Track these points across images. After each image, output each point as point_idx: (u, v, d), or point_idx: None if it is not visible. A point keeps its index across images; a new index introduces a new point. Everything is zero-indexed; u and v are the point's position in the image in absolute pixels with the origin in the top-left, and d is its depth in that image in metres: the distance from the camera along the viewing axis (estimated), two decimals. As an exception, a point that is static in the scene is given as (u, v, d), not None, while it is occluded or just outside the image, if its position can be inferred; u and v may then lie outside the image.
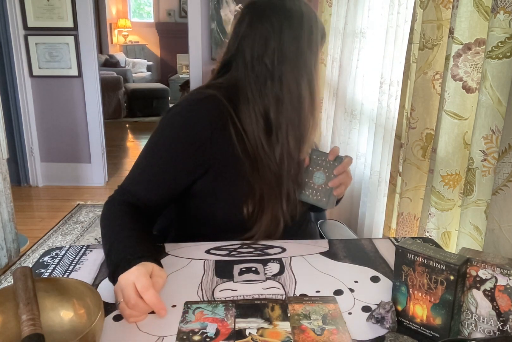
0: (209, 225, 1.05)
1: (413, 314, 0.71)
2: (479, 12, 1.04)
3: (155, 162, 0.99)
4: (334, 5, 2.59)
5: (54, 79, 3.48)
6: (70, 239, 2.76)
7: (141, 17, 8.63)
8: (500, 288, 0.64)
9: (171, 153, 0.97)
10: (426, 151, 1.34)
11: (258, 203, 0.99)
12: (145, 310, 0.72)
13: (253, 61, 0.97)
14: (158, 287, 0.76)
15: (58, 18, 3.34)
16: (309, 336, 0.69)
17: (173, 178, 0.98)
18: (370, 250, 0.98)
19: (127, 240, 0.86)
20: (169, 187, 1.00)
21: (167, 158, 0.97)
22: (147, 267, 0.77)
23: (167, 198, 1.02)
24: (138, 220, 0.94)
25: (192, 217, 1.07)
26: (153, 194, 0.99)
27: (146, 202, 0.99)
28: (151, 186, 0.98)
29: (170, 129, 0.98)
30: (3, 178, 2.35)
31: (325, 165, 0.98)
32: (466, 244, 1.09)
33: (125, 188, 1.01)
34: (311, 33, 0.98)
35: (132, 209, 0.96)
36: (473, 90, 1.11)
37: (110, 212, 0.96)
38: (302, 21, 0.98)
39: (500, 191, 0.92)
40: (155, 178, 0.98)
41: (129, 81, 6.98)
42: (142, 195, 0.98)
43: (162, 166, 0.98)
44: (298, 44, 0.97)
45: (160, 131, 0.99)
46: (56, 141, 3.62)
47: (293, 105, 0.98)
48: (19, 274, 0.68)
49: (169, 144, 0.97)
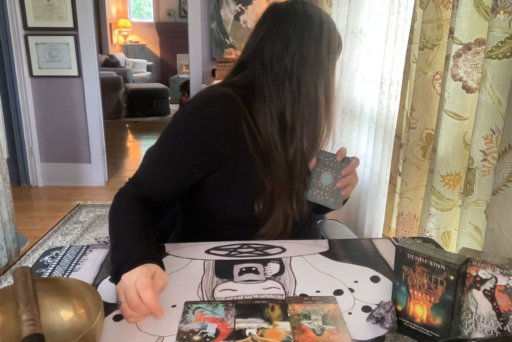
0: (219, 220, 1.05)
1: (413, 314, 0.71)
2: (479, 12, 1.04)
3: (169, 154, 0.99)
4: (334, 5, 2.59)
5: (54, 79, 3.48)
6: (70, 239, 2.76)
7: (141, 17, 8.63)
8: (500, 288, 0.64)
9: (186, 146, 0.98)
10: (426, 151, 1.34)
11: (269, 200, 1.00)
12: (146, 312, 0.72)
13: (272, 62, 0.99)
14: (158, 288, 0.76)
15: (58, 18, 3.34)
16: (309, 336, 0.69)
17: (187, 170, 0.99)
18: (370, 250, 0.98)
19: (134, 239, 0.86)
20: (183, 178, 1.00)
21: (182, 150, 0.98)
22: (150, 268, 0.77)
23: (179, 190, 1.02)
24: (146, 214, 0.94)
25: (202, 211, 1.07)
26: (166, 185, 0.99)
27: (158, 193, 0.99)
28: (164, 177, 0.99)
29: (186, 123, 0.98)
30: (3, 178, 2.35)
31: (333, 166, 0.99)
32: (466, 244, 1.09)
33: (137, 179, 1.01)
34: (330, 41, 1.01)
35: (141, 203, 0.96)
36: (473, 90, 1.11)
37: (119, 205, 0.97)
38: (322, 28, 1.00)
39: (500, 191, 0.92)
40: (169, 168, 0.99)
41: (129, 81, 6.98)
42: (155, 186, 0.99)
43: (176, 157, 0.99)
44: (318, 50, 0.99)
45: (175, 125, 1.00)
46: (56, 141, 3.62)
47: (309, 108, 1.00)
48: (19, 274, 0.68)
49: (184, 137, 0.98)
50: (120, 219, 0.92)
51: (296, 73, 0.98)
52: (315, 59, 0.99)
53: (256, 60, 1.01)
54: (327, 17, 1.03)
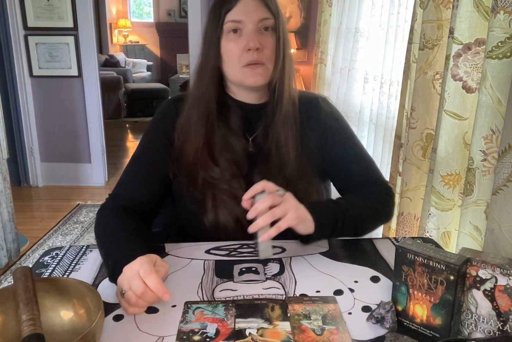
0: (197, 227, 1.05)
1: (413, 314, 0.71)
2: (479, 12, 1.04)
3: (134, 161, 1.06)
4: (334, 5, 2.59)
5: (54, 79, 3.48)
6: (70, 239, 2.76)
7: (141, 17, 8.62)
8: (500, 288, 0.64)
9: (144, 146, 1.06)
10: (426, 151, 1.34)
11: (213, 210, 0.99)
12: (153, 298, 0.72)
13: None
14: (161, 275, 0.76)
15: (58, 18, 3.34)
16: (309, 336, 0.69)
17: (152, 169, 1.03)
18: (370, 250, 0.98)
19: (126, 241, 0.87)
20: (153, 179, 1.03)
21: (142, 150, 1.06)
22: (150, 257, 0.78)
23: (157, 194, 1.05)
24: (130, 221, 0.95)
25: (181, 220, 1.11)
26: (142, 191, 1.03)
27: (138, 201, 1.02)
28: (137, 184, 1.03)
29: (145, 133, 1.10)
30: (3, 178, 2.35)
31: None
32: (466, 244, 1.09)
33: (115, 193, 1.04)
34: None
35: (124, 212, 0.98)
36: (473, 90, 1.11)
37: (102, 219, 0.98)
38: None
39: (500, 191, 0.92)
40: (138, 175, 1.04)
41: (129, 81, 6.98)
42: (133, 195, 1.02)
43: (140, 160, 1.05)
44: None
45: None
46: (56, 141, 3.62)
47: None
48: (19, 274, 0.68)
49: (144, 141, 1.07)
50: (105, 230, 0.93)
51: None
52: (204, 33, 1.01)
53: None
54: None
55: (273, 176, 0.98)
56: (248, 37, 0.95)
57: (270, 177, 0.97)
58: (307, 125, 1.06)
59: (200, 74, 1.01)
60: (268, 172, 1.00)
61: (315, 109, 1.08)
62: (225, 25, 0.96)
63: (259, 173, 1.01)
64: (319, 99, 1.10)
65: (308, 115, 1.06)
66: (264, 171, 1.01)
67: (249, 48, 0.94)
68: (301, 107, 1.06)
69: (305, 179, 1.03)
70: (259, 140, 1.04)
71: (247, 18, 0.95)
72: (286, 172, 1.01)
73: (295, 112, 1.04)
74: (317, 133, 1.06)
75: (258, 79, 0.97)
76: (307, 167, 1.04)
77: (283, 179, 1.00)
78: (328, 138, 1.07)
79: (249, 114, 1.04)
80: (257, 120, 1.04)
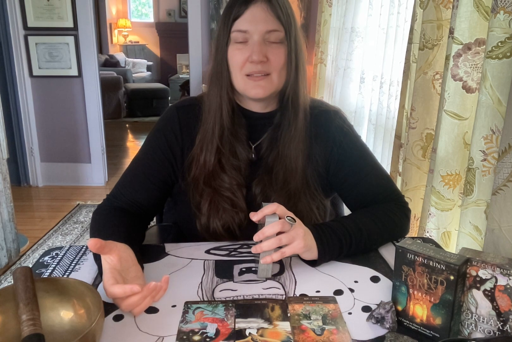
0: (193, 230, 1.05)
1: (413, 314, 0.71)
2: (479, 12, 1.04)
3: (136, 162, 1.06)
4: (334, 5, 2.59)
5: (54, 79, 3.48)
6: (70, 239, 2.76)
7: (141, 17, 8.63)
8: (500, 288, 0.64)
9: (145, 153, 1.05)
10: (426, 151, 1.34)
11: (207, 213, 1.00)
12: (136, 300, 0.71)
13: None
14: (127, 263, 0.76)
15: (58, 18, 3.34)
16: (309, 336, 0.69)
17: (151, 174, 1.03)
18: (370, 250, 0.98)
19: (108, 236, 0.85)
20: (151, 184, 1.03)
21: (142, 157, 1.05)
22: (105, 258, 0.75)
23: (153, 198, 1.05)
24: (123, 220, 0.96)
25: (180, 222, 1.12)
26: (139, 195, 1.03)
27: (134, 204, 1.02)
28: (135, 188, 1.03)
29: (148, 136, 1.08)
30: (3, 178, 2.35)
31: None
32: (466, 244, 1.09)
33: (114, 193, 1.04)
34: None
35: (119, 212, 0.99)
36: (473, 90, 1.11)
37: (96, 217, 0.99)
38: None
39: (500, 191, 0.92)
40: (137, 179, 1.03)
41: (129, 81, 6.98)
42: (129, 198, 1.02)
43: (139, 167, 1.04)
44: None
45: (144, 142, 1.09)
46: (56, 141, 3.62)
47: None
48: (19, 274, 0.68)
49: (146, 144, 1.06)
50: (99, 226, 0.94)
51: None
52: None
53: None
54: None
55: (277, 188, 0.99)
56: (253, 49, 0.92)
57: (273, 190, 0.99)
58: (315, 140, 1.03)
59: (213, 78, 0.99)
60: (271, 184, 1.00)
61: (326, 123, 1.04)
62: (232, 34, 0.94)
63: (260, 182, 1.00)
64: (331, 112, 1.06)
65: (318, 129, 1.03)
66: (267, 182, 1.00)
67: (252, 61, 0.92)
68: (311, 119, 1.03)
69: (308, 193, 1.02)
70: (263, 149, 1.02)
71: (253, 29, 0.91)
72: (291, 186, 1.00)
73: (306, 125, 1.01)
74: (324, 149, 1.03)
75: (259, 92, 0.95)
76: (312, 182, 1.02)
77: (286, 192, 0.99)
78: (335, 154, 1.03)
79: (254, 122, 1.03)
80: (261, 128, 1.03)
